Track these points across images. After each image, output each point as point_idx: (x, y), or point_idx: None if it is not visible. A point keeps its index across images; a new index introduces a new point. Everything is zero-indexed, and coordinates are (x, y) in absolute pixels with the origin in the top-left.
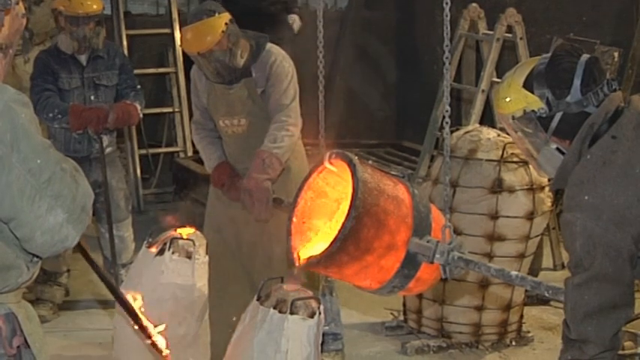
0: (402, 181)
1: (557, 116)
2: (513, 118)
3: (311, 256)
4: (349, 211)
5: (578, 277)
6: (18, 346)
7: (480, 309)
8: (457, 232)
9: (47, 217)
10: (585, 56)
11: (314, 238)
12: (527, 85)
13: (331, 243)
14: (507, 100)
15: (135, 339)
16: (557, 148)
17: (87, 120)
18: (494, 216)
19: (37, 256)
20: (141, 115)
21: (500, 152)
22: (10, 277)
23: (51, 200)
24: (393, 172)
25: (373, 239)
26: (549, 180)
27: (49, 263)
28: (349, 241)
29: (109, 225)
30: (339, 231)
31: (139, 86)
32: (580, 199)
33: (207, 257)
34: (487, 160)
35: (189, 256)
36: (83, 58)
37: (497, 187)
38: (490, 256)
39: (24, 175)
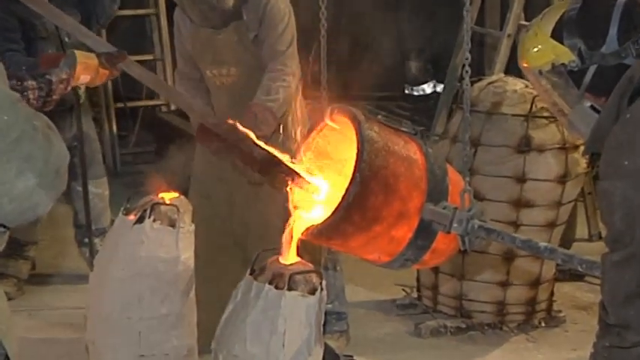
0: (415, 139)
1: (591, 70)
2: (540, 72)
3: (311, 226)
4: (353, 175)
5: (617, 254)
6: None
7: (504, 285)
8: (478, 197)
9: (16, 182)
10: None
11: (314, 205)
12: (556, 35)
13: (334, 212)
14: (533, 51)
15: (112, 319)
16: (592, 106)
17: None
18: (521, 179)
19: (4, 226)
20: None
21: (529, 106)
22: None
23: (20, 163)
24: (404, 129)
25: (382, 207)
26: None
27: (21, 232)
28: (354, 209)
29: (84, 183)
30: (343, 198)
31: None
32: (619, 164)
33: (193, 225)
34: (513, 115)
35: (172, 224)
36: None
37: (525, 145)
38: (516, 224)
39: None
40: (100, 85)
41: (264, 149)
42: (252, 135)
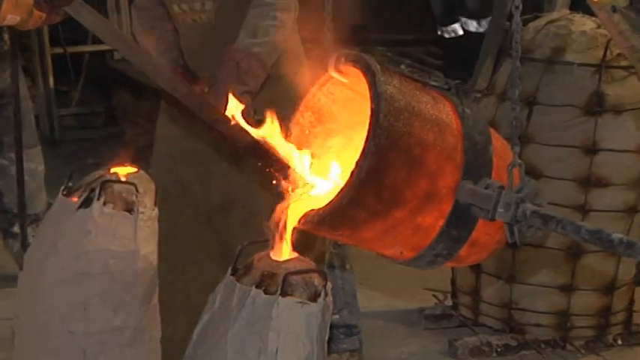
0: (448, 96)
1: None
2: (614, 8)
3: (311, 211)
4: (366, 144)
5: None
6: None
7: (567, 290)
8: (533, 173)
9: None
10: None
11: (315, 184)
12: None
13: (340, 192)
14: None
15: (49, 333)
16: None
17: None
18: (591, 149)
19: None
20: None
21: (601, 53)
22: None
23: None
24: (433, 83)
25: (404, 185)
26: None
27: None
28: (367, 189)
29: (18, 154)
30: (352, 174)
31: None
32: None
33: (156, 210)
34: (580, 65)
35: (129, 208)
36: None
37: (597, 105)
38: (584, 209)
39: None
40: (32, 28)
41: (248, 134)
42: (237, 117)
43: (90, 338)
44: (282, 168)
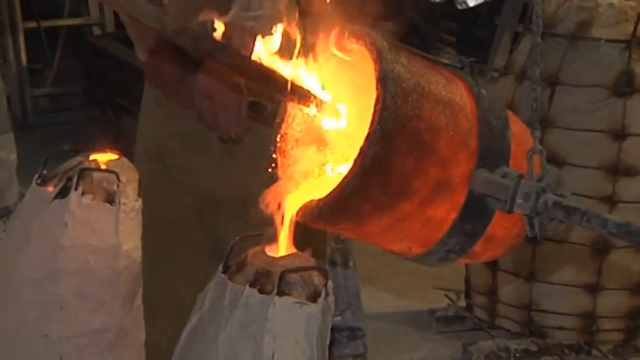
0: (461, 75)
1: None
2: None
3: (310, 202)
4: (371, 128)
5: None
6: None
7: (593, 290)
8: (555, 160)
9: None
10: None
11: (315, 173)
12: None
13: (342, 182)
14: None
15: (21, 337)
16: None
17: None
18: (620, 134)
19: None
20: None
21: (631, 27)
22: None
23: None
24: (445, 61)
25: (412, 174)
26: None
27: None
28: (372, 178)
29: None
30: (355, 162)
31: None
32: None
33: (140, 201)
34: (608, 41)
35: (110, 199)
36: None
37: (626, 85)
38: (611, 200)
39: None
40: None
41: (254, 62)
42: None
43: (66, 342)
44: (300, 94)
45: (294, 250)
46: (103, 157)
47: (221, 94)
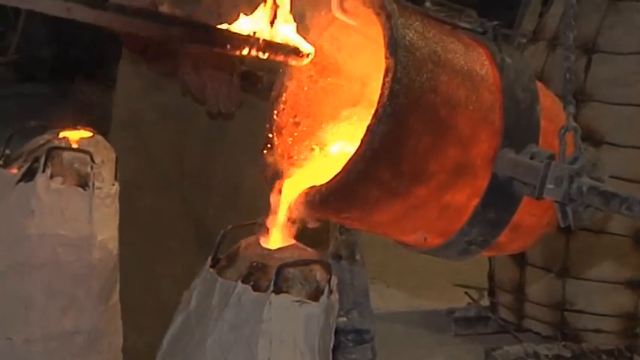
0: (483, 41)
1: None
2: None
3: (312, 188)
4: (380, 104)
5: None
6: None
7: (635, 287)
8: (592, 139)
9: None
10: None
11: (316, 154)
12: None
13: (347, 164)
14: None
15: None
16: None
17: None
18: None
19: None
20: None
21: None
22: None
23: None
24: (465, 25)
25: (428, 156)
26: None
27: None
28: (382, 160)
29: None
30: (363, 142)
31: None
32: None
33: (116, 185)
34: None
35: (83, 182)
36: None
37: None
38: None
39: None
40: None
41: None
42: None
43: (32, 346)
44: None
45: (292, 242)
46: (75, 135)
47: (209, 62)
